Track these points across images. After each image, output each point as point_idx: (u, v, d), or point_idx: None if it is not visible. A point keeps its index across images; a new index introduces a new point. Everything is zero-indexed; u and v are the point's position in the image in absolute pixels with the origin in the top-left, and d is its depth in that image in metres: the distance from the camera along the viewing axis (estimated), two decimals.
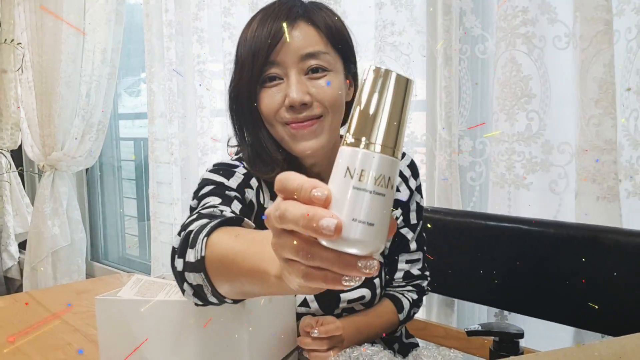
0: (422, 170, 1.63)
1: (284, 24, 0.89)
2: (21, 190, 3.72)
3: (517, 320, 1.37)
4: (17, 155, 3.76)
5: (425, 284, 1.11)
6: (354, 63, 1.00)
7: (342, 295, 1.00)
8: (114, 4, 2.91)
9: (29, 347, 1.09)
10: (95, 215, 3.70)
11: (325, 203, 0.40)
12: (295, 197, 0.41)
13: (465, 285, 1.34)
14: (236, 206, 0.88)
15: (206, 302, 0.68)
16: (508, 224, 1.25)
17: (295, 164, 0.98)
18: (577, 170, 1.26)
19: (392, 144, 0.40)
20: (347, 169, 0.40)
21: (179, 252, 0.68)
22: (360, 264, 0.39)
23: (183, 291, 0.68)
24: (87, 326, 1.18)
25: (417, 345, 1.15)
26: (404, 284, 1.09)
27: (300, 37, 0.89)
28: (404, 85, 0.41)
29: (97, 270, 3.60)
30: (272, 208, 0.42)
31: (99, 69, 3.02)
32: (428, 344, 1.32)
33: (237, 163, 0.99)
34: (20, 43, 3.40)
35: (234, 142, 1.03)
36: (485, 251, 1.28)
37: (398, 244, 1.08)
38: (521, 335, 0.81)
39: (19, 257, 3.68)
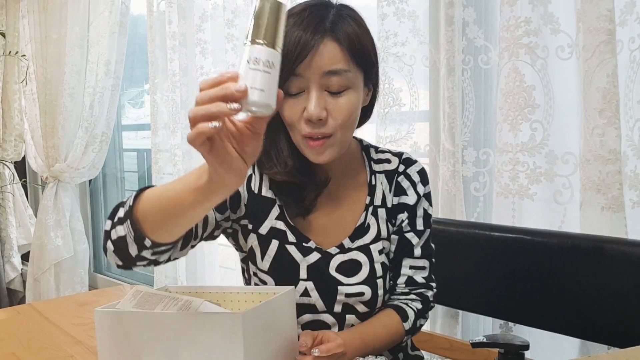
0: None
1: (311, 40, 0.90)
2: (24, 202, 3.73)
3: (522, 332, 1.36)
4: (21, 166, 3.77)
5: (430, 294, 1.09)
6: (376, 72, 1.01)
7: (340, 287, 1.00)
8: (117, 16, 2.93)
9: (31, 359, 1.09)
10: (98, 226, 3.70)
11: (235, 78, 0.63)
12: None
13: (469, 296, 1.33)
14: None
15: (126, 258, 0.83)
16: (512, 235, 1.25)
17: (306, 165, 0.99)
18: (581, 180, 1.26)
19: (272, 41, 0.64)
20: (246, 60, 0.63)
21: (110, 216, 0.85)
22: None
23: (105, 250, 0.85)
24: (90, 338, 1.17)
25: (422, 358, 1.15)
26: (407, 290, 1.07)
27: (324, 55, 0.90)
28: (277, 6, 0.64)
29: (100, 282, 3.59)
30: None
31: (102, 81, 3.03)
32: (433, 356, 1.31)
33: None
34: (24, 55, 3.42)
35: None
36: (490, 262, 1.28)
37: (402, 248, 1.07)
38: (526, 347, 0.81)
39: (22, 269, 3.68)
